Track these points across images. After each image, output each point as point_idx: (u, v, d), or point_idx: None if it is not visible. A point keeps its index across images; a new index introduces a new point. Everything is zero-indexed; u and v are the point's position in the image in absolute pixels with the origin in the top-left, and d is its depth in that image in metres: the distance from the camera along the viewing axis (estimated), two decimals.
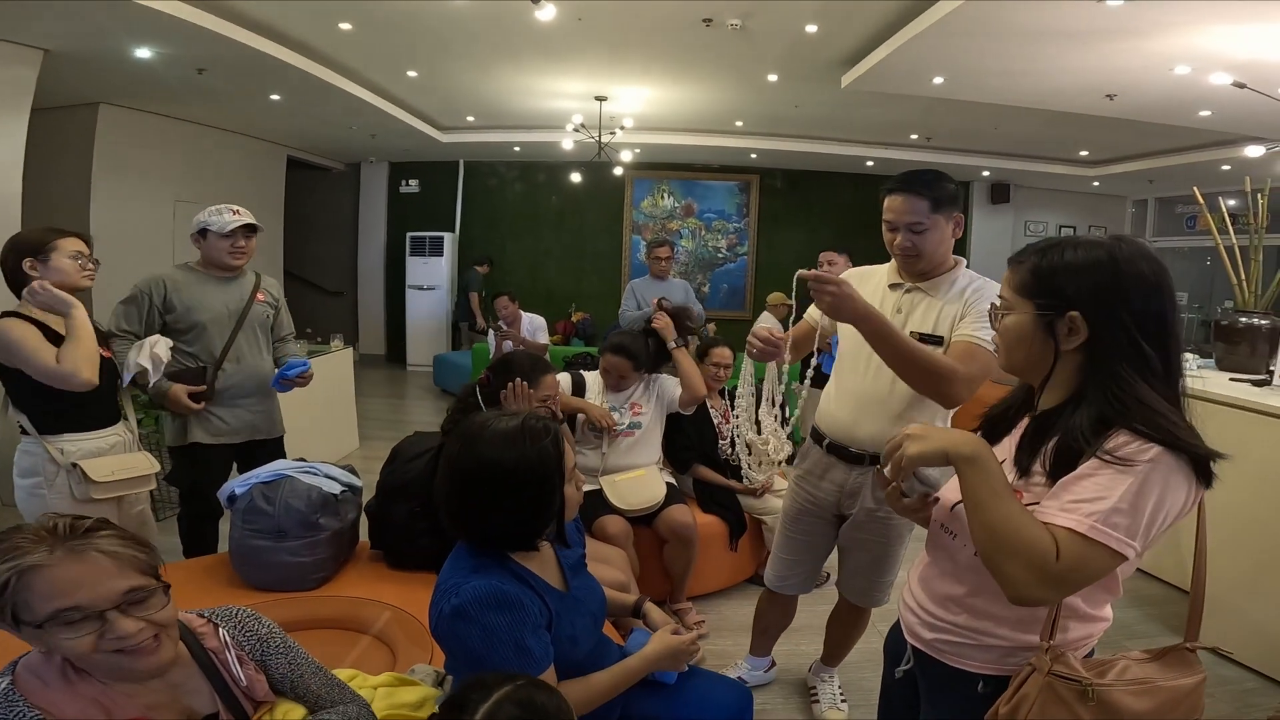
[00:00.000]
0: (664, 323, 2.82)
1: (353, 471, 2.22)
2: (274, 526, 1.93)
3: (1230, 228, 3.19)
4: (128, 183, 5.71)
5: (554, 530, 1.32)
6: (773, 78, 5.07)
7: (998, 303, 1.07)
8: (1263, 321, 3.06)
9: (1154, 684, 0.94)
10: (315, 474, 2.11)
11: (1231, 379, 2.91)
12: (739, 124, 6.90)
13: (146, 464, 2.09)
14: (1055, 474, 0.95)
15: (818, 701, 2.29)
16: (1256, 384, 2.77)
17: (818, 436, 1.92)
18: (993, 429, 1.13)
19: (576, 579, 1.38)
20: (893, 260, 1.87)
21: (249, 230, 2.44)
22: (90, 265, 2.01)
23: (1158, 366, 0.94)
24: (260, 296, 2.55)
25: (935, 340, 1.71)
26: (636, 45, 4.58)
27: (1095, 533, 0.88)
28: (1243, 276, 3.13)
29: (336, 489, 2.08)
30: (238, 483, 2.07)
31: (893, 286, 1.83)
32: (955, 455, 0.95)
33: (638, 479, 2.71)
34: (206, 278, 2.46)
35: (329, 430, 4.65)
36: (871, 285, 1.86)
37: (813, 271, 1.54)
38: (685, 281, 4.80)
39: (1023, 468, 1.01)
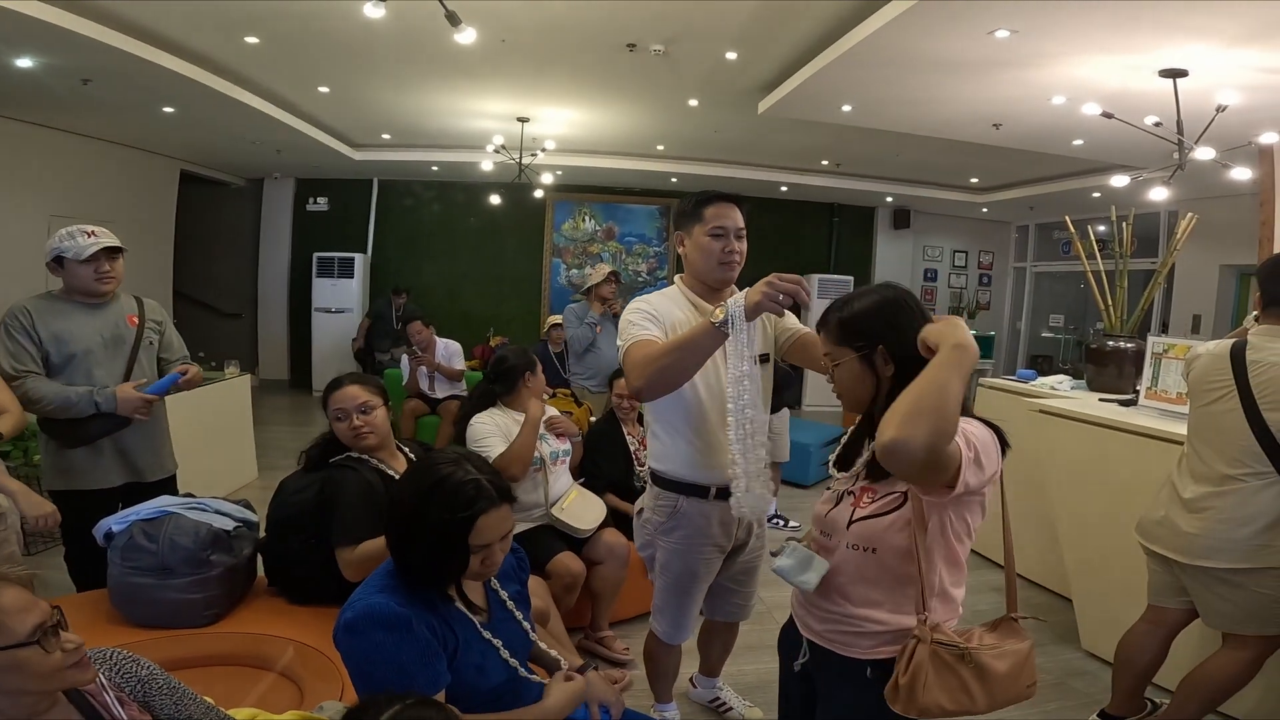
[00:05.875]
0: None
1: (248, 506, 2.13)
2: (157, 564, 1.81)
3: (1098, 254, 3.46)
4: None
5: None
6: (693, 103, 5.22)
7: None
8: (1128, 345, 3.25)
9: (1003, 648, 1.14)
10: (204, 510, 2.00)
11: (1101, 399, 3.07)
12: (660, 148, 7.05)
13: None
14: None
15: (730, 709, 2.33)
16: (1124, 404, 2.91)
17: (700, 490, 1.79)
18: (846, 456, 1.31)
19: (501, 612, 1.36)
20: (678, 290, 1.82)
21: (112, 252, 2.19)
22: None
23: None
24: (132, 320, 2.31)
25: (767, 358, 1.80)
26: (560, 68, 4.61)
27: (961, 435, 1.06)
28: (1110, 301, 3.34)
29: (229, 525, 1.98)
30: (115, 520, 1.93)
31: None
32: (961, 344, 1.06)
33: (580, 498, 2.69)
34: (73, 306, 2.21)
35: (223, 461, 4.35)
36: (683, 317, 1.76)
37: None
38: None
39: (876, 476, 1.20)
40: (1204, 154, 3.68)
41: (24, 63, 4.09)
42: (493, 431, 2.49)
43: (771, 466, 3.23)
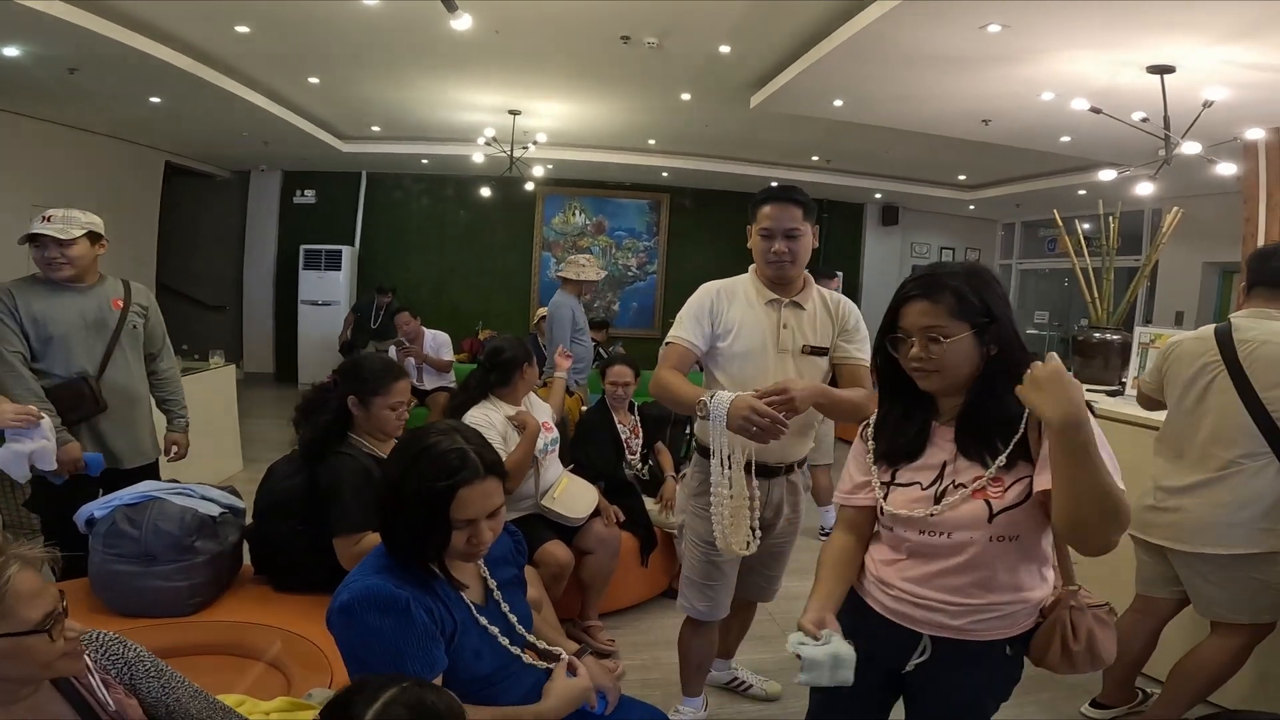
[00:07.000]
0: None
1: (234, 492, 2.10)
2: (140, 550, 1.78)
3: (1085, 250, 3.50)
4: None
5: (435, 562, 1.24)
6: (686, 97, 5.21)
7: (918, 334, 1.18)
8: (1114, 337, 3.31)
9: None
10: (190, 495, 1.97)
11: (1088, 390, 3.16)
12: (651, 142, 7.04)
13: None
14: (1014, 451, 1.16)
15: (750, 686, 2.39)
16: (1110, 394, 3.00)
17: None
18: (902, 451, 1.25)
19: (495, 596, 1.34)
20: (750, 275, 1.93)
21: (60, 241, 2.15)
22: None
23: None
24: (117, 303, 2.29)
25: (823, 351, 1.88)
26: (553, 60, 4.58)
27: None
28: (1096, 295, 3.39)
29: (215, 511, 1.95)
30: (98, 505, 1.90)
31: (770, 304, 1.88)
32: (1077, 419, 1.03)
33: (571, 485, 2.68)
34: (55, 287, 2.20)
35: (208, 453, 4.29)
36: (743, 303, 1.88)
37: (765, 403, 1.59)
38: None
39: (984, 460, 1.18)
40: (1190, 148, 3.71)
41: (10, 51, 4.03)
42: (493, 435, 2.44)
43: (822, 470, 3.21)
